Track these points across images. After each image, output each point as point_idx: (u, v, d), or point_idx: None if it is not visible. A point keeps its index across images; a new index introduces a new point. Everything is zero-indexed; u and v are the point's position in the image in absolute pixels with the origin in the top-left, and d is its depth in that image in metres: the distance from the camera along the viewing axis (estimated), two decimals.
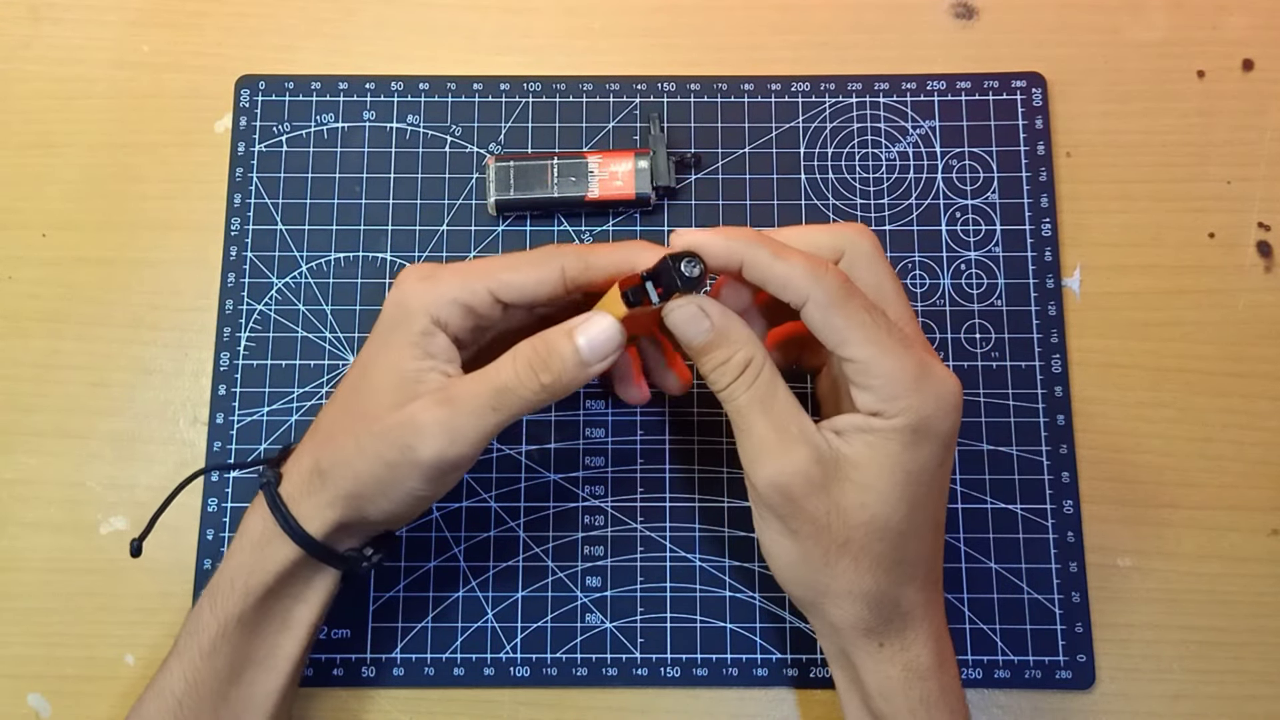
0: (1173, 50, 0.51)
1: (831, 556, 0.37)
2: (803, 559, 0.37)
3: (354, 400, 0.39)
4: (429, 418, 0.36)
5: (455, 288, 0.38)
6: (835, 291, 0.35)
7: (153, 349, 0.49)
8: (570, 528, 0.47)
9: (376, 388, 0.38)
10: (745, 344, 0.37)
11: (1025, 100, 0.50)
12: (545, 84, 0.51)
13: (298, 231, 0.49)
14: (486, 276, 0.38)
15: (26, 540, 0.47)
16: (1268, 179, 0.50)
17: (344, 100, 0.51)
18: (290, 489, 0.39)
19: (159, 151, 0.51)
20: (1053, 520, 0.46)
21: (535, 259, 0.38)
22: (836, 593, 0.37)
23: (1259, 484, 0.47)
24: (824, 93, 0.51)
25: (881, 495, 0.36)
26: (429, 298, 0.38)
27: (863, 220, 0.49)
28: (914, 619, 0.38)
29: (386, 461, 0.37)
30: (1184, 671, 0.45)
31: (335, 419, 0.40)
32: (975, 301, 0.48)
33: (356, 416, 0.38)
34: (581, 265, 0.38)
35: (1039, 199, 0.49)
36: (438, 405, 0.37)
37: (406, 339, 0.38)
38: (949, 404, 0.36)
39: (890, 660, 0.38)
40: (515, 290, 0.38)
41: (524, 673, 0.45)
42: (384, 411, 0.37)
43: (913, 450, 0.36)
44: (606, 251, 0.38)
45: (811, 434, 0.36)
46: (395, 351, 0.38)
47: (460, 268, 0.39)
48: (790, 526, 0.37)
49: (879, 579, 0.37)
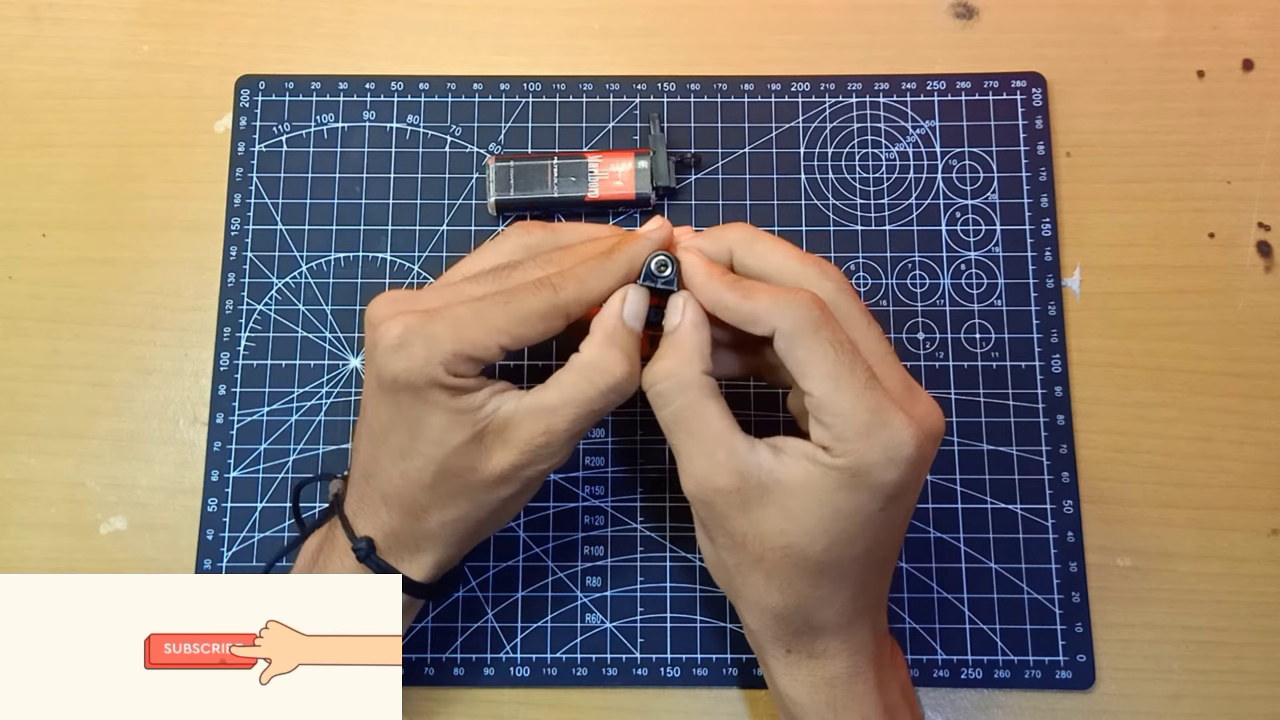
0: (1173, 50, 0.51)
1: (744, 569, 0.37)
2: (719, 563, 0.38)
3: (426, 468, 0.37)
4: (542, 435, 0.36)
5: (464, 344, 0.35)
6: (801, 322, 0.35)
7: (153, 349, 0.49)
8: (570, 528, 0.47)
9: (448, 447, 0.36)
10: (687, 360, 0.36)
11: (1025, 100, 0.50)
12: (545, 84, 0.51)
13: (298, 231, 0.49)
14: (497, 333, 0.36)
15: (26, 540, 0.47)
16: (1268, 179, 0.50)
17: (344, 100, 0.51)
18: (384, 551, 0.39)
19: (159, 151, 0.51)
20: (1053, 520, 0.46)
21: (540, 312, 0.36)
22: (747, 599, 0.38)
23: (1259, 484, 0.47)
24: (824, 93, 0.51)
25: (803, 527, 0.35)
26: (440, 359, 0.35)
27: (863, 220, 0.49)
28: (826, 633, 0.37)
29: (505, 498, 0.38)
30: (1184, 671, 0.45)
31: (413, 492, 0.38)
32: (975, 301, 0.48)
33: (443, 478, 0.37)
34: (583, 309, 0.37)
35: (1039, 199, 0.49)
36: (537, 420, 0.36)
37: (443, 399, 0.36)
38: (899, 456, 0.34)
39: (796, 665, 0.38)
40: (523, 344, 0.37)
41: (524, 673, 0.45)
42: (476, 460, 0.37)
43: (848, 493, 0.35)
44: (600, 284, 0.37)
45: (742, 456, 0.36)
46: (441, 412, 0.36)
47: (455, 316, 0.36)
48: (711, 535, 0.38)
49: (788, 599, 0.37)
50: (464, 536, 0.39)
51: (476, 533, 0.40)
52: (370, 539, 0.39)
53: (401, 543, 0.39)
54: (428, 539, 0.39)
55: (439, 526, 0.38)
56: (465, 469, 0.37)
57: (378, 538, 0.39)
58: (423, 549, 0.39)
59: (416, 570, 0.39)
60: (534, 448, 0.37)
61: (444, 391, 0.36)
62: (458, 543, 0.39)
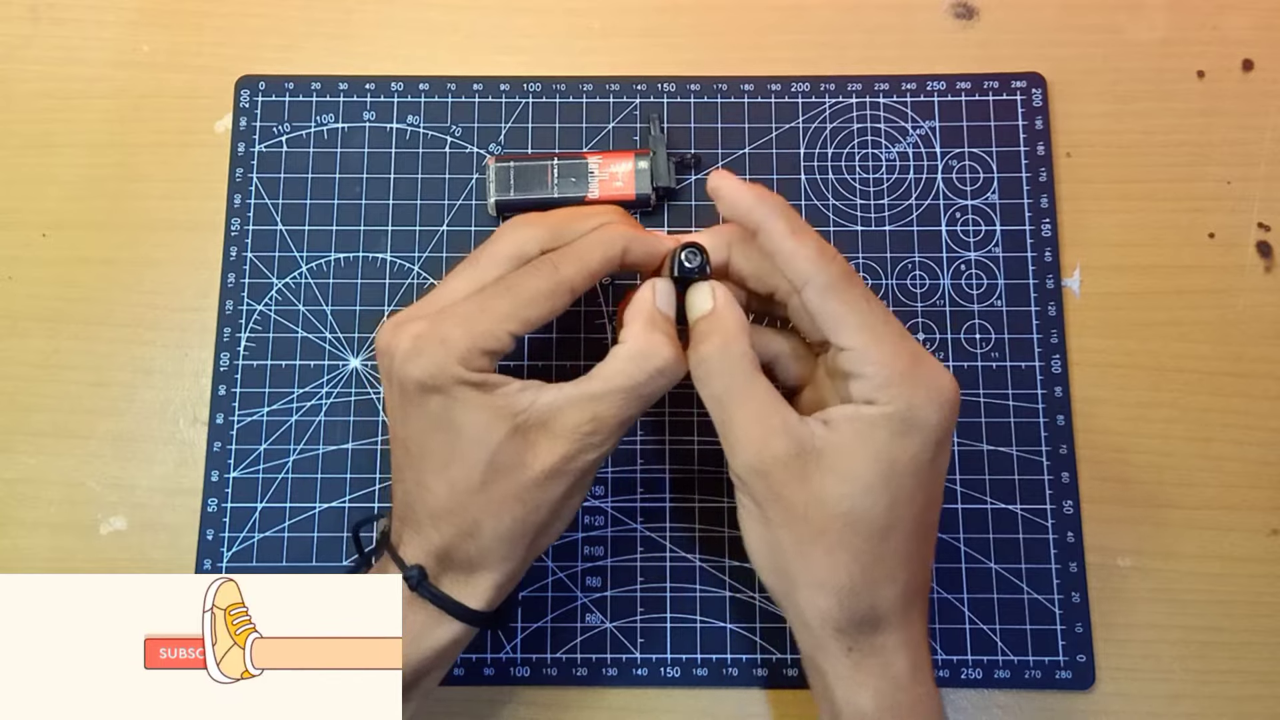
0: (1173, 50, 0.51)
1: (805, 546, 0.36)
2: (776, 547, 0.37)
3: (469, 474, 0.36)
4: (589, 424, 0.36)
5: (475, 337, 0.36)
6: (837, 277, 0.36)
7: (153, 349, 0.49)
8: (570, 528, 0.46)
9: (490, 449, 0.36)
10: (735, 333, 0.37)
11: (1025, 100, 0.50)
12: (545, 84, 0.51)
13: (298, 232, 0.49)
14: (505, 320, 0.36)
15: (26, 540, 0.47)
16: (1268, 179, 0.50)
17: (344, 101, 0.51)
18: (435, 576, 0.38)
19: (159, 151, 0.51)
20: (1053, 520, 0.46)
21: (545, 290, 0.37)
22: (808, 584, 0.36)
23: (1259, 484, 0.47)
24: (824, 93, 0.51)
25: (865, 486, 0.35)
26: (456, 359, 0.35)
27: (863, 220, 0.49)
28: (888, 625, 0.36)
29: (562, 494, 0.37)
30: (1184, 671, 0.45)
31: (464, 505, 0.37)
32: (975, 302, 0.48)
33: (493, 482, 0.36)
34: (586, 280, 0.38)
35: (1039, 199, 0.49)
36: (584, 410, 0.37)
37: (473, 399, 0.36)
38: (942, 397, 0.35)
39: (858, 666, 0.36)
40: (532, 326, 0.37)
41: (524, 673, 0.45)
42: (523, 457, 0.36)
43: (901, 440, 0.35)
44: (600, 254, 0.38)
45: (794, 425, 0.36)
46: (474, 413, 0.36)
47: (462, 312, 0.36)
48: (766, 513, 0.37)
49: (853, 574, 0.36)
50: (521, 547, 0.38)
51: (534, 543, 0.38)
52: (421, 567, 0.37)
53: (456, 564, 0.37)
54: (483, 556, 0.37)
55: (494, 540, 0.37)
56: (513, 466, 0.36)
57: (430, 563, 0.37)
58: (479, 568, 0.37)
59: (476, 595, 0.37)
60: (582, 434, 0.36)
61: (472, 389, 0.35)
62: (515, 556, 0.38)
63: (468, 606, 0.37)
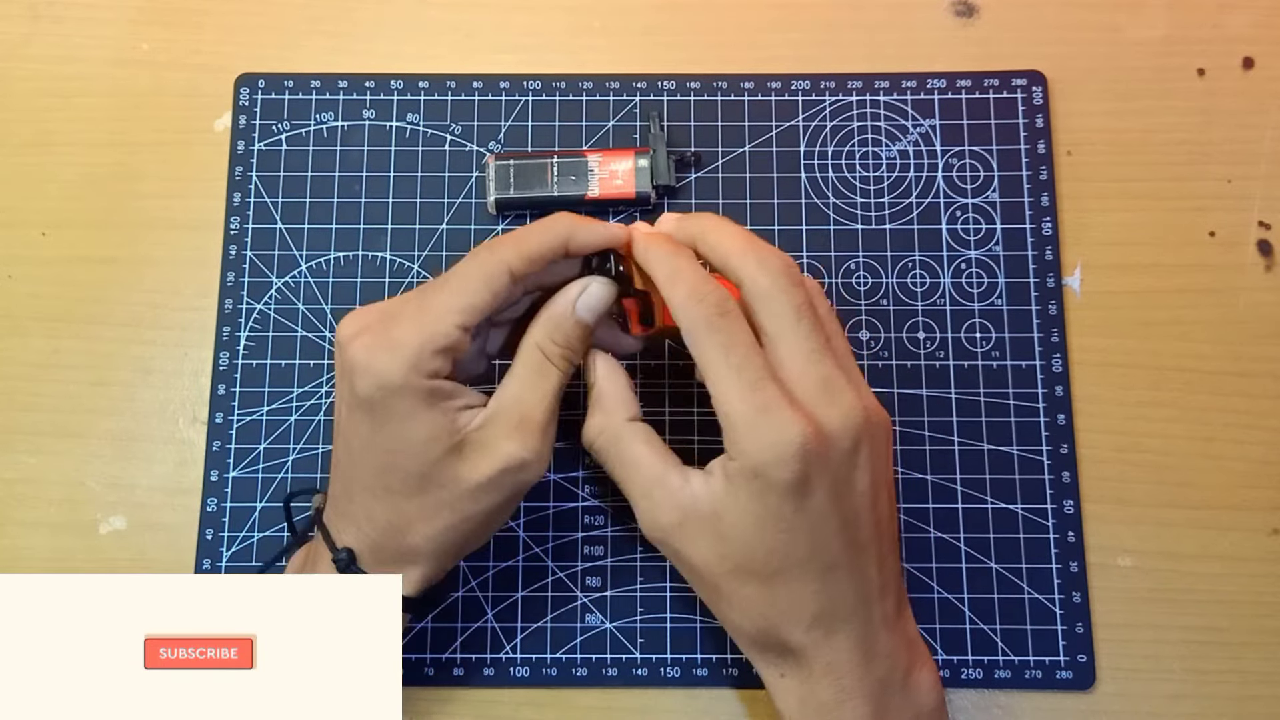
0: (1173, 48, 0.51)
1: (711, 599, 0.38)
2: (698, 593, 0.39)
3: (403, 480, 0.37)
4: (521, 450, 0.37)
5: (426, 337, 0.36)
6: (696, 321, 0.35)
7: (153, 348, 0.49)
8: (570, 528, 0.46)
9: (428, 459, 0.36)
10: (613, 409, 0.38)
11: (1025, 98, 0.50)
12: (545, 82, 0.51)
13: (297, 230, 0.49)
14: (451, 313, 0.36)
15: (26, 540, 0.47)
16: (1268, 178, 0.50)
17: (344, 99, 0.51)
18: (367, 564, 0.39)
19: (158, 150, 0.51)
20: (1053, 520, 0.46)
21: (484, 274, 0.37)
22: (727, 625, 0.39)
23: (1259, 484, 0.47)
24: (824, 91, 0.51)
25: (738, 544, 0.36)
26: (405, 363, 0.36)
27: (863, 219, 0.49)
28: (808, 656, 0.37)
29: (489, 509, 0.38)
30: (1184, 671, 0.45)
31: (395, 507, 0.37)
32: (975, 301, 0.48)
33: (423, 489, 0.37)
34: (525, 264, 0.37)
35: (1039, 198, 0.49)
36: (521, 433, 0.37)
37: (416, 406, 0.36)
38: (785, 452, 0.34)
39: (790, 691, 0.38)
40: (478, 313, 0.37)
41: (524, 673, 0.45)
42: (456, 470, 0.37)
43: (756, 497, 0.35)
44: (538, 239, 0.38)
45: (676, 491, 0.36)
46: (417, 422, 0.36)
47: (414, 315, 0.37)
48: (676, 566, 0.39)
49: (755, 622, 0.37)
50: (451, 550, 0.39)
51: (463, 545, 0.39)
52: (350, 550, 0.38)
53: (387, 557, 0.38)
54: (413, 554, 0.38)
55: (424, 541, 0.38)
56: (449, 480, 0.37)
57: (362, 551, 0.38)
58: (408, 563, 0.38)
59: (403, 585, 0.38)
60: (510, 449, 0.37)
61: (420, 401, 0.36)
62: (444, 555, 0.39)
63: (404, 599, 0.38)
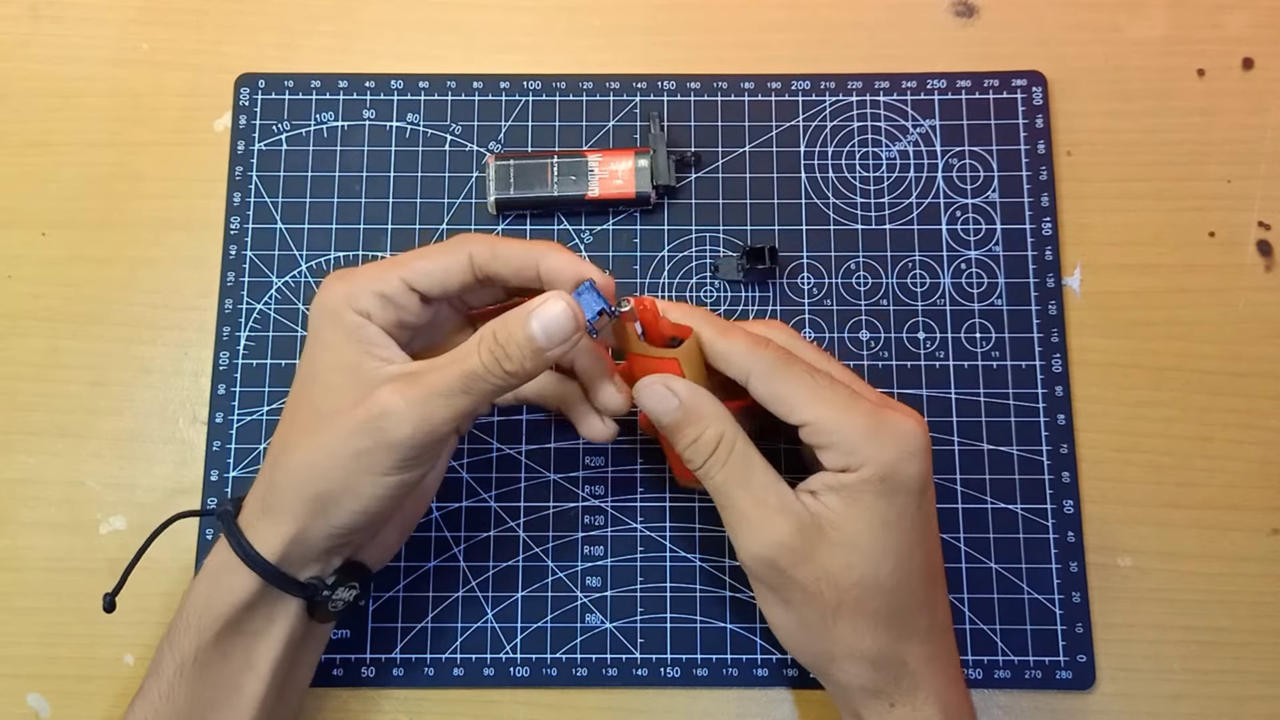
0: (1173, 49, 0.51)
1: (829, 621, 0.37)
2: (802, 627, 0.38)
3: (305, 407, 0.38)
4: (400, 400, 0.35)
5: (370, 280, 0.38)
6: (773, 362, 0.37)
7: (152, 348, 0.49)
8: (570, 528, 0.46)
9: (328, 388, 0.37)
10: (715, 420, 0.37)
11: (1025, 99, 0.50)
12: (545, 82, 0.51)
13: (297, 230, 0.49)
14: (399, 266, 0.38)
15: (26, 540, 0.47)
16: (1268, 178, 0.50)
17: (344, 99, 0.51)
18: (247, 516, 0.38)
19: (158, 150, 0.51)
20: (1053, 520, 0.46)
21: (445, 247, 0.39)
22: (839, 656, 0.37)
23: (1259, 484, 0.47)
24: (824, 91, 0.51)
25: (865, 552, 0.36)
26: (346, 292, 0.38)
27: (863, 219, 0.49)
28: (922, 677, 0.37)
29: (356, 450, 0.36)
30: (1184, 671, 0.45)
31: (288, 433, 0.38)
32: (976, 301, 0.48)
33: (312, 419, 0.37)
34: (489, 254, 0.39)
35: (1039, 198, 0.49)
36: (407, 386, 0.36)
37: (340, 335, 0.38)
38: (912, 447, 0.36)
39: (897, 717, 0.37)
40: (425, 277, 0.38)
41: (524, 673, 0.45)
42: (345, 405, 0.36)
43: (887, 500, 0.36)
44: (515, 245, 0.39)
45: (790, 503, 0.37)
46: (334, 350, 0.38)
47: (376, 263, 0.39)
48: (784, 596, 0.38)
49: (878, 638, 0.37)
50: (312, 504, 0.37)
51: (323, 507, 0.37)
52: (238, 500, 0.39)
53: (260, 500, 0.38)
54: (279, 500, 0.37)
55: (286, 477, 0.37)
56: (332, 413, 0.36)
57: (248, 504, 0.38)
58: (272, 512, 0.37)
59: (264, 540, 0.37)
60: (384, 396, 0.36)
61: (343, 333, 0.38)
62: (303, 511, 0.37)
63: (252, 547, 0.37)
